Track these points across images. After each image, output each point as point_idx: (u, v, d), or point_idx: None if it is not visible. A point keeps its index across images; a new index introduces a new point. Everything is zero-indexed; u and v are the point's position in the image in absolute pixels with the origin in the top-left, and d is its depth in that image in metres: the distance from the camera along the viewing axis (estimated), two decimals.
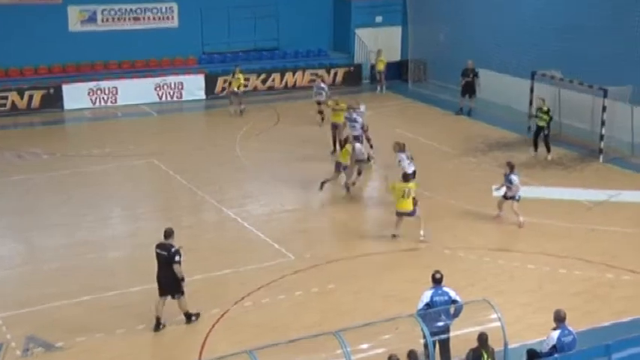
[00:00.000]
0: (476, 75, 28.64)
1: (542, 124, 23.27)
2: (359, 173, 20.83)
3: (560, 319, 11.58)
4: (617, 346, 11.42)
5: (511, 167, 18.53)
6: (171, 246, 13.78)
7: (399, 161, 19.54)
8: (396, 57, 34.42)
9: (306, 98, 30.08)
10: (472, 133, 26.48)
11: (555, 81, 25.30)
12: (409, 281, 15.58)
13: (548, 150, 23.22)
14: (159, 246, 13.89)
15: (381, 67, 32.31)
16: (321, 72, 32.94)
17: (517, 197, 18.29)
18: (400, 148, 19.90)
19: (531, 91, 25.54)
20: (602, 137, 23.21)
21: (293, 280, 15.86)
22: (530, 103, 25.57)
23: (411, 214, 17.45)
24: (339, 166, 20.38)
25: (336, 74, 33.30)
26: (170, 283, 13.82)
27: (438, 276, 12.48)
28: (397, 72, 33.94)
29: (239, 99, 28.65)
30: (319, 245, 17.74)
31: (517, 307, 14.58)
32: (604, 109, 23.04)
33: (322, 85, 27.82)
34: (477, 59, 29.18)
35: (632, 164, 22.91)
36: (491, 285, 15.52)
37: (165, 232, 13.93)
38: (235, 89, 28.68)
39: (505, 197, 18.44)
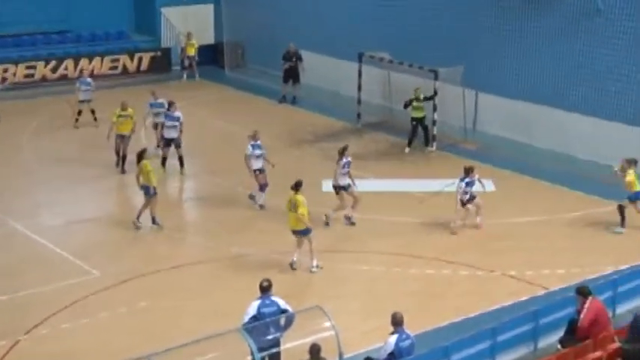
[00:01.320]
0: (299, 59, 29.13)
1: (420, 114, 23.94)
2: None
3: (397, 322, 12.01)
4: (455, 347, 12.03)
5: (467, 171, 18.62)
6: None
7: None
8: (210, 40, 34.34)
9: (108, 89, 29.35)
10: (297, 122, 26.95)
11: (384, 63, 26.22)
12: (233, 292, 15.63)
13: (429, 141, 24.11)
14: None
15: (191, 51, 32.09)
16: (123, 57, 32.31)
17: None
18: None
19: (359, 74, 26.33)
20: (434, 123, 24.36)
21: (98, 300, 15.54)
22: (359, 88, 26.35)
23: (301, 232, 16.64)
24: (148, 191, 18.54)
25: (140, 60, 32.75)
26: None
27: (265, 284, 12.58)
28: (211, 56, 33.85)
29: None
30: (127, 258, 17.47)
31: (351, 313, 15.03)
32: (435, 92, 24.17)
33: (88, 79, 26.90)
34: (299, 41, 29.71)
35: (467, 151, 24.19)
36: (323, 290, 15.91)
37: None
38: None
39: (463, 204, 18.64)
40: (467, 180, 18.54)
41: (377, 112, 27.36)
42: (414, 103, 23.89)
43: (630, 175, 18.42)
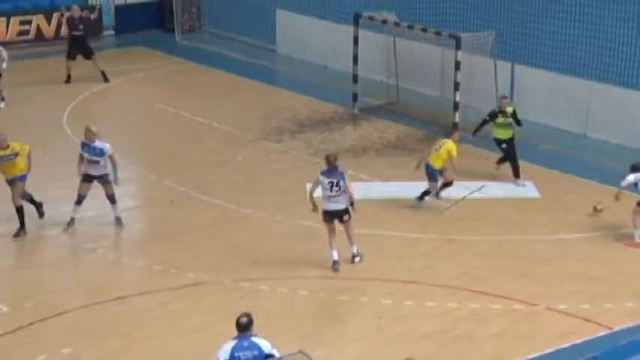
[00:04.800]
0: (87, 24, 29.07)
1: (506, 135, 21.90)
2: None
3: None
4: None
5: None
6: None
7: None
8: None
9: (14, 60, 29.34)
10: (273, 106, 27.07)
11: (389, 27, 26.35)
12: (187, 334, 15.71)
13: (518, 172, 22.01)
14: None
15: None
16: (38, 18, 32.28)
17: None
18: None
19: (355, 42, 26.45)
20: (456, 107, 24.49)
21: (6, 346, 15.50)
22: (355, 60, 26.46)
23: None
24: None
25: (60, 22, 32.70)
26: None
27: (243, 320, 12.60)
28: (156, 18, 33.93)
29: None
30: (46, 289, 17.44)
31: None
32: (457, 65, 24.30)
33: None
34: None
35: None
36: (312, 329, 15.97)
37: None
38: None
39: None
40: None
41: (379, 93, 27.52)
42: (499, 119, 21.93)
43: None
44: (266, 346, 12.48)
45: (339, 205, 17.81)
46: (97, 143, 19.64)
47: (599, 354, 13.44)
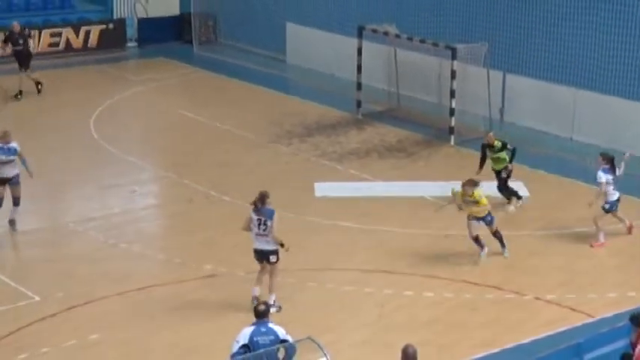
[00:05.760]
0: (26, 38, 28.08)
1: (501, 165, 20.66)
2: None
3: (409, 358, 12.08)
4: None
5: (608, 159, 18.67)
6: None
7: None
8: (174, 10, 34.49)
9: (47, 68, 29.44)
10: (283, 111, 27.06)
11: (390, 38, 26.35)
12: (205, 322, 15.73)
13: (511, 198, 20.85)
14: None
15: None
16: (67, 31, 32.32)
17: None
18: None
19: (359, 52, 26.47)
20: (452, 112, 24.49)
21: (38, 332, 15.52)
22: (359, 69, 26.46)
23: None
24: None
25: (88, 34, 32.76)
26: None
27: (261, 308, 12.69)
28: (176, 30, 33.94)
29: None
30: (75, 280, 17.44)
31: (352, 346, 15.09)
32: (453, 74, 24.32)
33: None
34: (285, 11, 29.88)
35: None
36: (318, 318, 15.95)
37: None
38: None
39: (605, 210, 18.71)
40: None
41: (381, 100, 27.52)
42: (488, 152, 20.76)
43: None
44: (281, 331, 12.53)
45: (267, 246, 15.91)
46: (13, 144, 19.01)
47: (583, 340, 13.40)
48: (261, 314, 12.63)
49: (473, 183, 17.92)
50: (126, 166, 23.05)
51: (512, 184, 20.76)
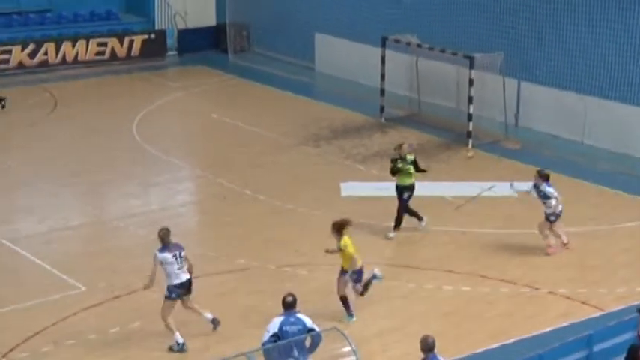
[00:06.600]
0: None
1: (409, 181, 18.65)
2: None
3: (428, 347, 11.97)
4: None
5: (544, 177, 17.85)
6: None
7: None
8: (210, 21, 34.49)
9: (94, 76, 29.56)
10: (311, 116, 26.99)
11: (412, 48, 26.23)
12: (240, 311, 15.71)
13: (399, 224, 18.91)
14: None
15: None
16: (112, 41, 32.42)
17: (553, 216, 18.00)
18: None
19: (382, 61, 26.36)
20: (470, 117, 24.34)
21: (85, 319, 15.57)
22: (383, 77, 26.36)
23: None
24: None
25: (131, 44, 32.82)
26: None
27: (289, 299, 12.70)
28: (212, 40, 33.97)
29: None
30: (118, 271, 17.47)
31: (375, 336, 15.01)
32: (471, 82, 24.16)
33: None
34: (314, 22, 29.76)
35: (507, 150, 24.16)
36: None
37: None
38: None
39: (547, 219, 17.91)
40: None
41: (403, 105, 27.39)
42: (399, 164, 18.59)
43: None
44: (308, 321, 12.54)
45: (188, 275, 14.79)
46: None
47: (593, 332, 13.26)
48: (289, 305, 12.64)
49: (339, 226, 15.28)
50: (165, 165, 23.09)
51: (527, 184, 20.59)
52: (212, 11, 34.73)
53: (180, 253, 14.70)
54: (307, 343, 12.47)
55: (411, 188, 18.62)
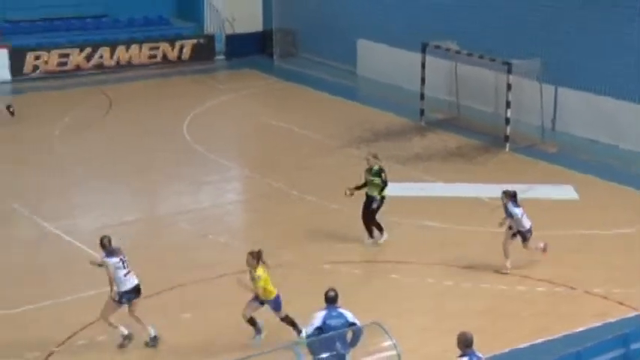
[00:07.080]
0: None
1: (375, 192, 18.04)
2: None
3: (466, 344, 11.84)
4: None
5: (511, 196, 17.02)
6: None
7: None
8: (257, 26, 34.54)
9: (146, 79, 29.73)
10: (355, 118, 26.90)
11: (451, 54, 26.06)
12: (284, 303, 15.62)
13: (380, 229, 18.32)
14: None
15: None
16: (164, 45, 32.61)
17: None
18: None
19: (423, 66, 26.21)
20: (507, 121, 24.10)
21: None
22: (423, 81, 26.21)
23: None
24: None
25: (182, 48, 32.99)
26: None
27: (331, 294, 12.68)
28: (259, 45, 34.02)
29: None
30: (169, 265, 17.55)
31: (415, 332, 14.91)
32: (509, 87, 23.94)
33: None
34: (356, 28, 29.65)
35: (544, 153, 23.91)
36: (383, 305, 15.79)
37: None
38: None
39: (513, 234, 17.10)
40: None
41: (442, 109, 27.24)
42: (366, 175, 18.23)
43: None
44: (350, 316, 12.53)
45: (136, 280, 14.53)
46: None
47: (629, 331, 13.06)
48: (331, 300, 12.64)
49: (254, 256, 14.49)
50: (214, 165, 23.14)
51: (562, 187, 20.30)
52: (259, 17, 34.80)
53: (124, 257, 14.46)
54: (349, 337, 12.42)
55: (377, 199, 17.80)
